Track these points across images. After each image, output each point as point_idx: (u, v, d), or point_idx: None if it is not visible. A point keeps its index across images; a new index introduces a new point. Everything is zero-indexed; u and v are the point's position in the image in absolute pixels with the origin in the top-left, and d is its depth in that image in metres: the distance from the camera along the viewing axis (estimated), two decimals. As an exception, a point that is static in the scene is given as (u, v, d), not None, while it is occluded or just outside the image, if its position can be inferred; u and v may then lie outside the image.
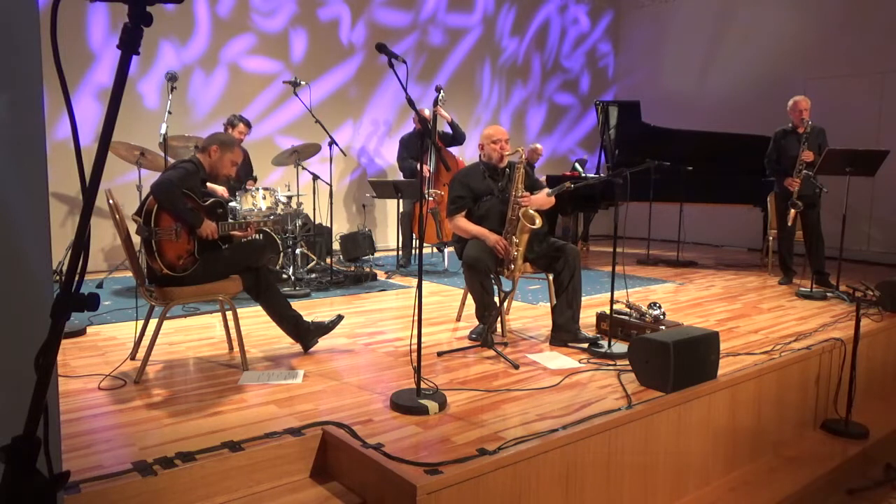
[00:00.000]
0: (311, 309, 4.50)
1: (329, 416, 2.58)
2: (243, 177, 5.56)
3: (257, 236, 5.07)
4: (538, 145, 7.77)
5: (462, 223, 3.84)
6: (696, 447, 2.99)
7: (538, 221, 3.63)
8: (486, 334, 3.52)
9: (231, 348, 3.52)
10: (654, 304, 3.86)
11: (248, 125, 5.65)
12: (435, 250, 7.33)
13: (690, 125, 7.67)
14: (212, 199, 3.30)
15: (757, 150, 6.28)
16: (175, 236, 3.08)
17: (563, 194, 4.30)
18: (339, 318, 3.59)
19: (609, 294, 3.58)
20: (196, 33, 6.44)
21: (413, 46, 8.02)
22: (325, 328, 3.51)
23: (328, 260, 5.83)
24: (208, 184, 4.96)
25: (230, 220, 3.38)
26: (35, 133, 1.57)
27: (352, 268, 5.98)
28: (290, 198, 5.46)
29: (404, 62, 2.74)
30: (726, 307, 4.85)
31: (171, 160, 4.80)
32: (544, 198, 3.86)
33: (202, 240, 3.19)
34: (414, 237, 6.58)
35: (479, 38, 8.66)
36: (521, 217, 3.61)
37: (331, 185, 5.80)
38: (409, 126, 7.08)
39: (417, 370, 2.72)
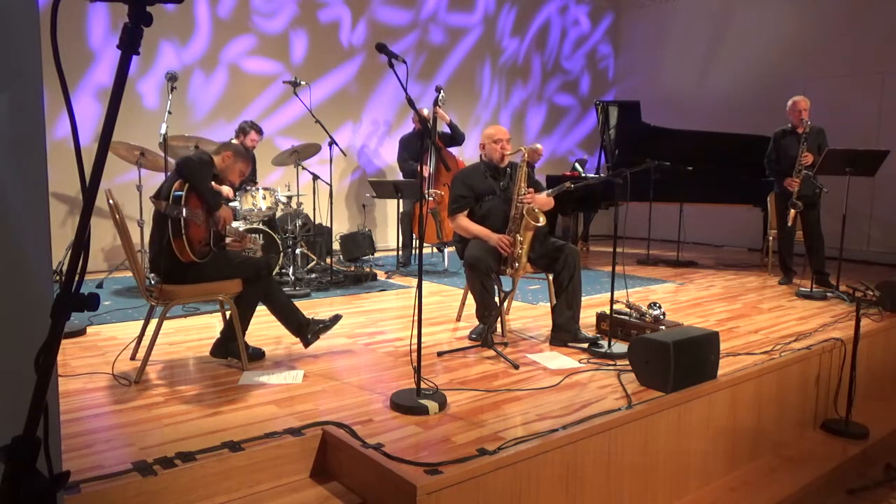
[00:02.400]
0: (311, 309, 4.50)
1: (329, 416, 2.58)
2: (246, 178, 5.56)
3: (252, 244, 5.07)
4: (538, 145, 7.76)
5: (464, 223, 3.85)
6: (696, 447, 2.99)
7: (542, 219, 3.64)
8: (486, 334, 3.52)
9: (231, 348, 3.52)
10: (654, 304, 3.86)
11: (260, 132, 5.69)
12: (435, 250, 7.33)
13: (690, 125, 7.67)
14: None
15: (757, 150, 6.28)
16: (199, 219, 3.09)
17: (563, 194, 4.30)
18: (338, 317, 3.58)
19: (609, 294, 3.58)
20: (196, 34, 6.44)
21: (413, 45, 8.02)
22: (325, 326, 3.50)
23: (328, 260, 5.83)
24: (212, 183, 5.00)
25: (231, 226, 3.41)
26: (35, 133, 1.58)
27: (352, 268, 5.98)
28: (290, 198, 5.46)
29: (404, 62, 2.74)
30: (726, 307, 4.85)
31: (171, 160, 4.81)
32: (546, 198, 3.87)
33: (217, 232, 3.23)
34: (414, 237, 6.58)
35: (479, 38, 8.66)
36: (526, 214, 3.62)
37: (331, 186, 5.80)
38: (409, 125, 7.08)
39: (417, 370, 2.72)
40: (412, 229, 6.50)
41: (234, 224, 4.97)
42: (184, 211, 2.98)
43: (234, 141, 5.54)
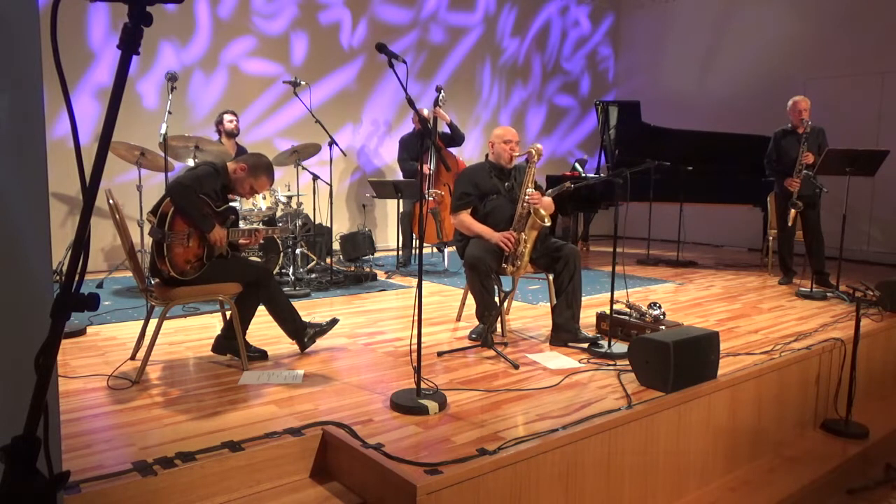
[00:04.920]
0: (312, 309, 4.50)
1: (329, 416, 2.58)
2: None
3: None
4: (538, 145, 7.76)
5: (466, 220, 3.86)
6: (696, 447, 2.99)
7: (548, 220, 3.67)
8: (486, 334, 3.52)
9: (231, 348, 3.51)
10: (654, 304, 3.86)
11: (233, 113, 5.73)
12: (435, 250, 7.33)
13: (690, 125, 7.67)
14: (225, 206, 3.31)
15: (757, 150, 6.28)
16: (187, 241, 3.08)
17: (563, 194, 4.31)
18: (335, 321, 3.58)
19: (609, 294, 3.58)
20: (196, 34, 6.44)
21: (413, 44, 8.02)
22: (321, 330, 3.51)
23: (328, 260, 5.83)
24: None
25: (239, 228, 3.39)
26: (35, 133, 1.58)
27: (352, 268, 5.98)
28: (290, 198, 5.46)
29: (404, 62, 2.74)
30: (726, 307, 4.85)
31: (171, 160, 4.81)
32: (549, 201, 3.90)
33: (211, 246, 3.19)
34: (414, 237, 6.58)
35: (479, 38, 8.66)
36: (533, 213, 3.64)
37: (331, 186, 5.80)
38: (409, 125, 7.08)
39: (417, 370, 2.72)
40: (412, 229, 6.50)
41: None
42: (166, 235, 2.98)
43: (218, 135, 5.61)
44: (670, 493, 2.88)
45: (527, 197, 3.71)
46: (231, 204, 5.08)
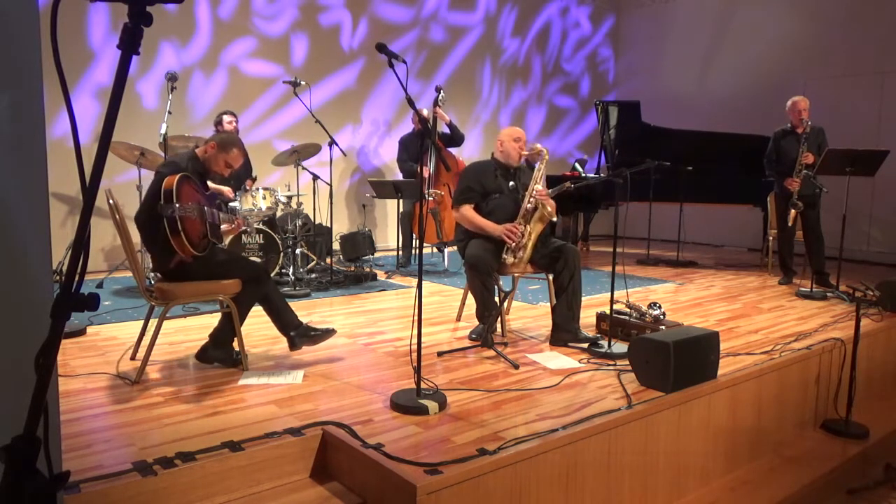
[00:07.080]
0: (311, 309, 4.50)
1: (329, 416, 2.58)
2: (243, 176, 5.56)
3: (256, 236, 5.09)
4: (538, 145, 7.77)
5: (468, 213, 3.87)
6: (696, 447, 2.99)
7: (555, 216, 3.74)
8: (486, 334, 3.51)
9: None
10: (654, 304, 3.86)
11: (233, 114, 5.68)
12: (435, 250, 7.33)
13: (690, 125, 7.67)
14: (209, 192, 3.35)
15: (757, 150, 6.28)
16: (195, 214, 3.08)
17: (563, 194, 4.31)
18: (331, 331, 3.44)
19: (609, 294, 3.58)
20: (197, 35, 6.45)
21: (414, 43, 8.02)
22: (315, 336, 3.38)
23: (328, 260, 5.83)
24: (211, 184, 5.00)
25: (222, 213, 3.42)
26: (35, 133, 1.58)
27: (352, 268, 5.98)
28: (290, 198, 5.46)
29: (404, 62, 2.74)
30: (726, 307, 4.85)
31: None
32: (552, 202, 3.92)
33: (212, 224, 3.23)
34: (414, 237, 6.58)
35: (480, 38, 8.67)
36: (541, 207, 3.67)
37: (331, 186, 5.80)
38: (409, 125, 7.08)
39: (417, 370, 2.72)
40: (412, 229, 6.50)
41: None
42: (177, 209, 2.93)
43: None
44: (670, 493, 2.88)
45: (534, 192, 3.74)
46: (232, 204, 5.12)
